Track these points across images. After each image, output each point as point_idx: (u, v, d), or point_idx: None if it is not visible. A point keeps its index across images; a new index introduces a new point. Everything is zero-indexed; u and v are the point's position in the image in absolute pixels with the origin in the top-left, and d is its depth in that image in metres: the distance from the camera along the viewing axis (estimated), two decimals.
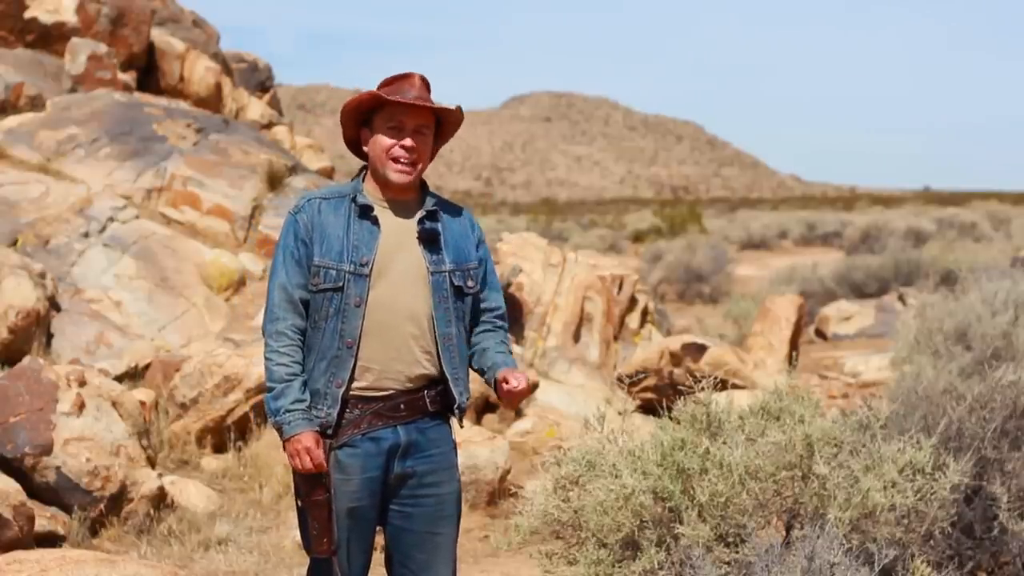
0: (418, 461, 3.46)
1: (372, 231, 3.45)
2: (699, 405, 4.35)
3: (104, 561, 4.83)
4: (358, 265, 3.41)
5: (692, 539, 3.94)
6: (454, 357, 3.48)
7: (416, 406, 3.46)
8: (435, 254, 3.47)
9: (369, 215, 3.46)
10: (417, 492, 3.47)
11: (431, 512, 3.48)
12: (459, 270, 3.50)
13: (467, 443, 6.85)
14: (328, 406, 3.40)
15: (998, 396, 4.83)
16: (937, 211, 36.51)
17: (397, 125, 3.44)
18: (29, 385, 6.24)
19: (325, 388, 3.41)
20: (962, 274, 6.31)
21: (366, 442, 3.41)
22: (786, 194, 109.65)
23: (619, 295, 10.70)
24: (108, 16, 12.70)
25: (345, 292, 3.40)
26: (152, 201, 10.13)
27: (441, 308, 3.45)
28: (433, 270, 3.46)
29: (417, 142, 3.44)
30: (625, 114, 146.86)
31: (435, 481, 3.49)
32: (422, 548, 3.48)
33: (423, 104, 3.41)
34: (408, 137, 3.43)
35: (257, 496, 6.99)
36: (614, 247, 32.01)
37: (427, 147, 3.49)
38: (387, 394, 3.43)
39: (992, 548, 4.76)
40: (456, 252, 3.51)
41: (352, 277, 3.40)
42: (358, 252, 3.42)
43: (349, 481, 3.40)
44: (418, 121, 3.44)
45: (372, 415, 3.42)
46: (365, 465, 3.41)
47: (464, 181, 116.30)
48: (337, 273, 3.41)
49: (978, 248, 22.34)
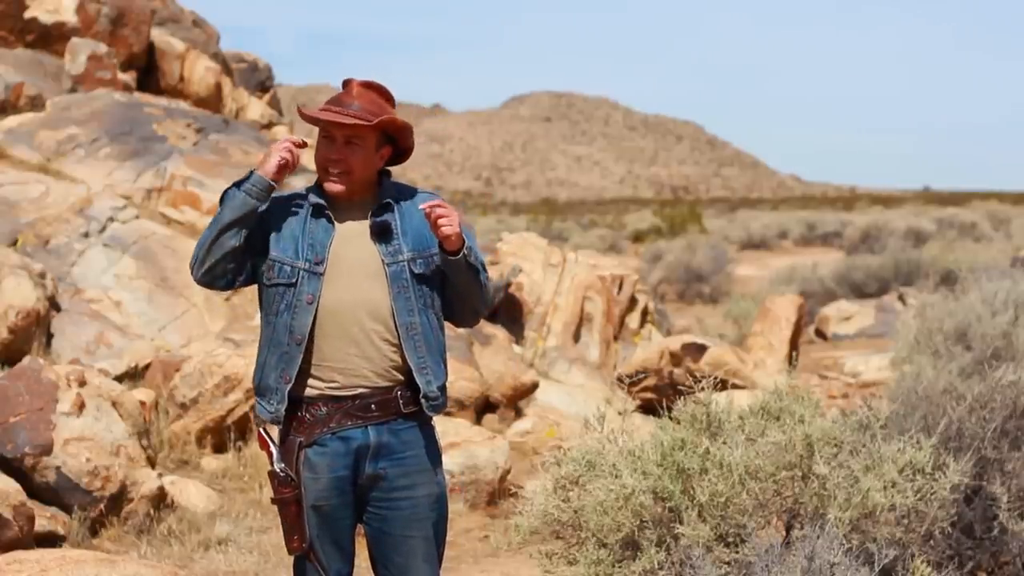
0: (390, 463, 3.42)
1: (327, 229, 3.43)
2: (699, 405, 4.35)
3: (104, 561, 4.83)
4: (312, 263, 3.40)
5: (692, 539, 3.94)
6: (419, 346, 3.43)
7: (389, 407, 3.42)
8: (389, 245, 3.44)
9: (323, 213, 3.45)
10: (391, 495, 3.44)
11: (405, 515, 3.44)
12: (420, 257, 3.45)
13: (467, 443, 6.84)
14: (277, 401, 3.41)
15: (998, 396, 4.83)
16: (937, 211, 36.52)
17: (328, 135, 3.43)
18: (29, 385, 6.24)
19: (275, 383, 3.41)
20: (962, 274, 6.32)
21: (335, 441, 3.40)
22: (786, 194, 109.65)
23: (619, 295, 10.71)
24: (108, 16, 12.70)
25: (297, 288, 3.40)
26: (152, 201, 10.14)
27: (401, 298, 3.41)
28: (389, 261, 3.42)
29: (345, 153, 3.41)
30: (625, 114, 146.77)
31: (408, 484, 3.44)
32: (399, 551, 3.46)
33: (331, 119, 3.37)
34: (336, 149, 3.41)
35: (257, 496, 6.99)
36: (614, 247, 32.00)
37: (360, 156, 3.41)
38: (357, 393, 3.40)
39: (992, 548, 4.77)
40: (417, 239, 3.46)
41: (306, 274, 3.40)
42: (313, 250, 3.41)
43: (318, 480, 3.39)
44: (345, 132, 3.40)
45: (342, 414, 3.39)
46: (333, 464, 3.39)
47: (464, 181, 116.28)
48: (291, 269, 3.40)
49: (978, 248, 22.37)
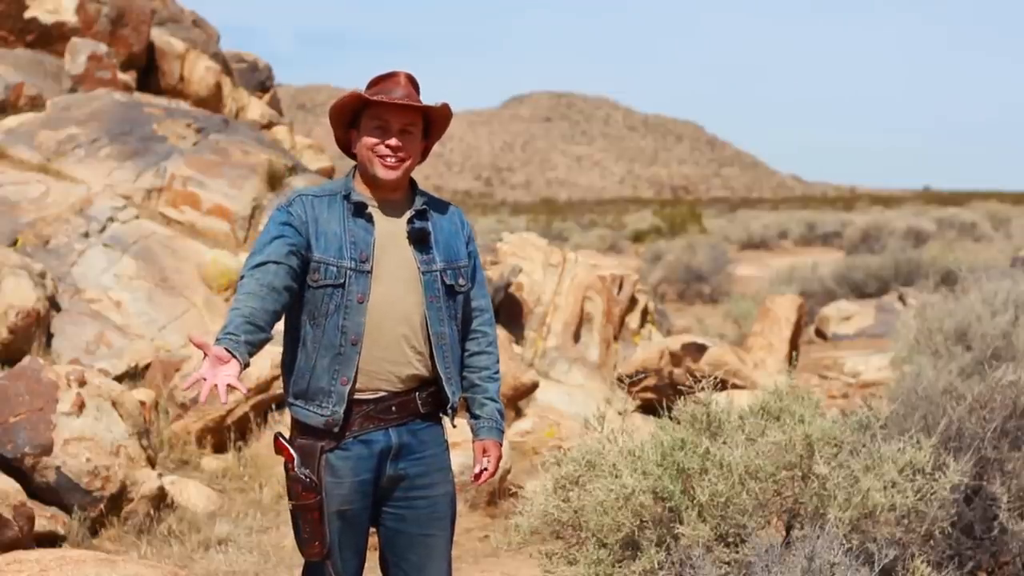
0: (410, 463, 3.43)
1: (367, 228, 3.40)
2: (699, 405, 4.35)
3: (104, 561, 4.82)
4: (359, 262, 3.36)
5: (692, 539, 3.94)
6: (447, 356, 3.44)
7: (407, 408, 3.42)
8: (426, 253, 3.43)
9: (364, 213, 3.41)
10: (410, 494, 3.45)
11: (424, 514, 3.46)
12: (450, 268, 3.46)
13: (467, 443, 6.81)
14: (334, 404, 3.34)
15: (998, 396, 4.83)
16: (937, 211, 36.48)
17: (383, 125, 3.39)
18: (29, 385, 6.24)
19: (329, 386, 3.35)
20: (962, 274, 6.32)
21: (357, 445, 3.38)
22: (786, 194, 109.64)
23: (619, 295, 10.70)
24: (108, 16, 12.69)
25: (347, 288, 3.34)
26: (152, 201, 10.13)
27: (434, 308, 3.41)
28: (424, 269, 3.41)
29: (403, 141, 3.39)
30: (625, 114, 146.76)
31: (428, 483, 3.46)
32: (416, 550, 3.46)
33: (407, 103, 3.36)
34: (394, 137, 3.38)
35: (257, 496, 6.99)
36: (614, 247, 32.00)
37: (414, 146, 3.43)
38: (378, 396, 3.39)
39: (992, 548, 4.76)
40: (447, 251, 3.47)
41: (353, 274, 3.35)
42: (356, 248, 3.37)
43: (340, 484, 3.37)
44: (403, 120, 3.39)
45: (363, 417, 3.37)
46: (357, 468, 3.37)
47: (464, 181, 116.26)
48: (338, 270, 3.35)
49: (978, 248, 22.38)
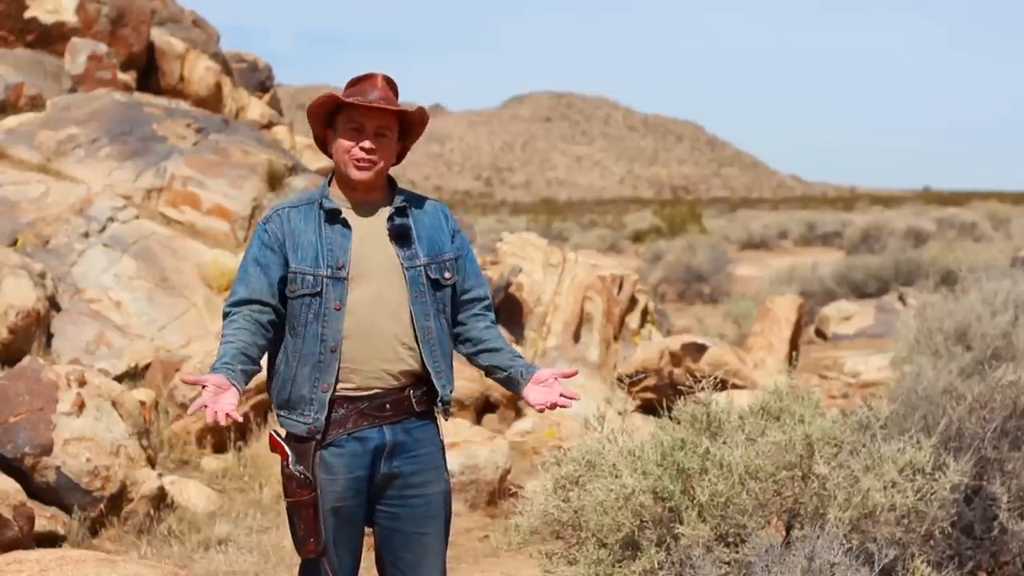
0: (404, 461, 3.45)
1: (344, 233, 3.43)
2: (699, 405, 4.35)
3: (104, 561, 4.83)
4: (334, 269, 3.39)
5: (692, 539, 3.94)
6: (435, 351, 3.46)
7: (402, 406, 3.44)
8: (408, 249, 3.46)
9: (338, 218, 3.44)
10: (404, 493, 3.46)
11: (419, 512, 3.47)
12: (434, 263, 3.48)
13: (467, 443, 6.82)
14: (315, 411, 3.39)
15: (998, 396, 4.83)
16: (937, 211, 36.48)
17: (357, 127, 3.41)
18: (29, 385, 6.24)
19: (311, 393, 3.39)
20: (962, 274, 6.32)
21: (352, 442, 3.40)
22: (786, 194, 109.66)
23: (619, 295, 10.70)
24: (108, 16, 12.70)
25: (324, 296, 3.38)
26: (152, 201, 10.14)
27: (419, 302, 3.44)
28: (407, 265, 3.44)
29: (377, 144, 3.41)
30: (625, 114, 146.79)
31: (422, 481, 3.47)
32: (411, 548, 3.48)
33: (382, 106, 3.38)
34: (368, 139, 3.41)
35: (257, 496, 6.99)
36: (614, 247, 32.00)
37: (388, 148, 3.46)
38: (372, 393, 3.41)
39: (992, 548, 4.76)
40: (430, 245, 3.50)
41: (330, 281, 3.39)
42: (333, 255, 3.40)
43: (335, 481, 3.39)
44: (378, 123, 3.41)
45: (357, 415, 3.40)
46: (351, 465, 3.40)
47: (464, 181, 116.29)
48: (314, 279, 3.39)
49: (978, 248, 22.38)
